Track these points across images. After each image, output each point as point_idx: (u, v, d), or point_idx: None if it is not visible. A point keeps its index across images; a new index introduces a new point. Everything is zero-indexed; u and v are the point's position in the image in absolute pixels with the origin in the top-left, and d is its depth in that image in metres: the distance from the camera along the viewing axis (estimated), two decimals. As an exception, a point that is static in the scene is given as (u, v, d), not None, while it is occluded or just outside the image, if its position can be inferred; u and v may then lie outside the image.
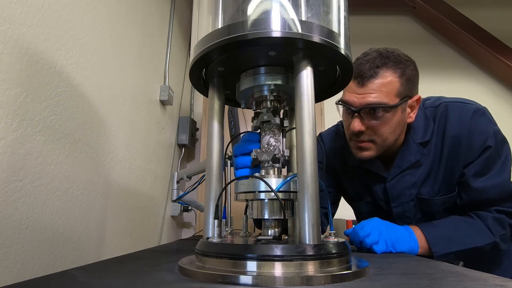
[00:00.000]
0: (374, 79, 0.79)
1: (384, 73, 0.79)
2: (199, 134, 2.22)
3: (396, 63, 0.80)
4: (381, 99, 0.78)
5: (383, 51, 0.82)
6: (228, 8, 0.47)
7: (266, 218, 0.50)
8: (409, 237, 0.77)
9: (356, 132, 0.82)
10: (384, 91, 0.78)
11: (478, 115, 0.83)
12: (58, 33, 0.84)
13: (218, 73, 0.54)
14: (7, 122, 0.67)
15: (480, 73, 2.37)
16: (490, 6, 2.46)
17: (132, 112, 1.30)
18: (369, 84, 0.79)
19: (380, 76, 0.79)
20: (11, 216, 0.68)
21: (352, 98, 0.81)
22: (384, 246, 0.74)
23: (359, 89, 0.80)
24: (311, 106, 0.46)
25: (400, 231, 0.78)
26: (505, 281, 0.40)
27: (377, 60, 0.80)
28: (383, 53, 0.81)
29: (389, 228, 0.77)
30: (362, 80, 0.79)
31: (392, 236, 0.75)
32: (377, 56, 0.81)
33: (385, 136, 0.82)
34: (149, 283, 0.40)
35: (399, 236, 0.76)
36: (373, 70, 0.79)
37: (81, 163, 0.93)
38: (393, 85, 0.79)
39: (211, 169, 0.53)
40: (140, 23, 1.40)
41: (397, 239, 0.75)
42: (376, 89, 0.78)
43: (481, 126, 0.83)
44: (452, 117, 0.85)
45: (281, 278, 0.38)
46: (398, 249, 0.75)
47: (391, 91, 0.79)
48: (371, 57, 0.81)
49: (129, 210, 1.27)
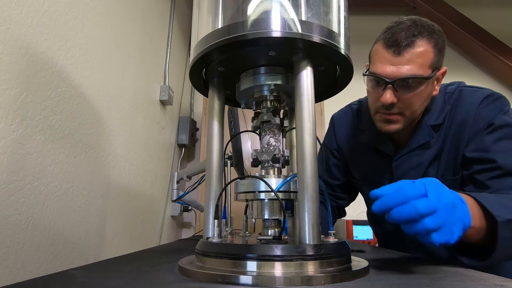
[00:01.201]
0: (410, 48, 0.75)
1: (420, 42, 0.75)
2: (199, 134, 2.22)
3: (430, 32, 0.77)
4: (416, 70, 0.75)
5: (416, 19, 0.78)
6: (228, 8, 0.47)
7: (266, 218, 0.50)
8: (462, 208, 0.52)
9: (388, 104, 0.78)
10: (419, 61, 0.75)
11: (489, 101, 0.80)
12: (58, 33, 0.84)
13: (218, 73, 0.54)
14: (7, 122, 0.67)
15: (480, 73, 2.37)
16: (490, 6, 2.46)
17: (132, 112, 1.30)
18: (405, 53, 0.75)
19: (416, 45, 0.75)
20: (11, 216, 0.68)
21: (386, 69, 0.77)
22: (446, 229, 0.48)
23: (395, 59, 0.76)
24: (311, 106, 0.46)
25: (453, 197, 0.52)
26: (505, 281, 0.40)
27: (413, 29, 0.76)
28: (417, 22, 0.77)
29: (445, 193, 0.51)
30: (399, 49, 0.75)
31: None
32: (411, 24, 0.77)
33: (415, 109, 0.80)
34: (149, 283, 0.40)
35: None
36: (410, 39, 0.75)
37: (81, 163, 0.93)
38: (427, 55, 0.76)
39: (211, 169, 0.53)
40: (140, 23, 1.40)
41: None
42: (412, 59, 0.75)
43: (489, 110, 0.79)
44: (462, 102, 0.83)
45: (281, 278, 0.38)
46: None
47: (425, 62, 0.76)
48: (405, 25, 0.77)
49: (129, 210, 1.27)
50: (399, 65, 0.75)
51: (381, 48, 0.78)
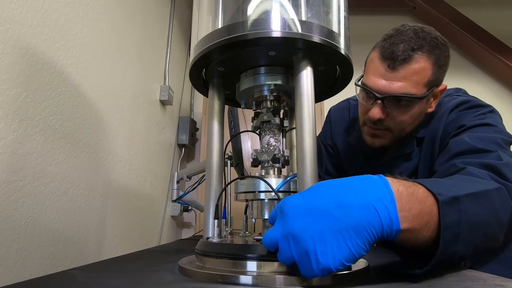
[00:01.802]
0: (406, 64, 0.69)
1: (418, 58, 0.69)
2: (199, 134, 2.22)
3: (432, 47, 0.70)
4: (409, 88, 0.70)
5: (419, 30, 0.71)
6: (228, 8, 0.47)
7: (266, 218, 0.50)
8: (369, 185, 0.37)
9: (375, 120, 0.74)
10: (414, 79, 0.70)
11: (462, 107, 0.74)
12: (58, 33, 0.84)
13: (218, 73, 0.54)
14: (7, 122, 0.67)
15: (480, 73, 2.37)
16: (490, 6, 2.46)
17: (132, 112, 1.30)
18: (400, 69, 0.69)
19: (413, 61, 0.69)
20: (11, 216, 0.68)
21: (378, 82, 0.72)
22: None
23: (388, 73, 0.71)
24: (311, 106, 0.46)
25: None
26: (505, 281, 0.40)
27: (413, 41, 0.70)
28: (419, 34, 0.71)
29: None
30: (394, 63, 0.70)
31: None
32: (413, 35, 0.70)
33: (403, 126, 0.76)
34: (149, 283, 0.40)
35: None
36: (407, 53, 0.69)
37: (81, 163, 0.93)
38: (424, 73, 0.70)
39: (211, 169, 0.53)
40: (140, 23, 1.40)
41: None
42: (407, 76, 0.69)
43: (461, 116, 0.73)
44: (436, 113, 0.78)
45: (281, 278, 0.38)
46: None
47: (421, 80, 0.70)
48: (406, 36, 0.70)
49: (129, 210, 1.27)
50: (392, 80, 0.71)
51: (377, 58, 0.73)
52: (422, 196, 0.39)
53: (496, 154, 0.60)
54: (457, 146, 0.66)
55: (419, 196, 0.38)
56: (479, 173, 0.55)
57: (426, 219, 0.38)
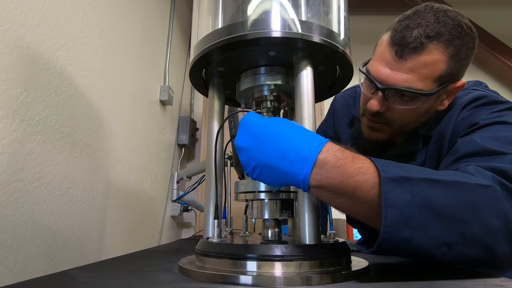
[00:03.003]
0: (416, 54, 0.59)
1: (433, 48, 0.59)
2: (199, 134, 2.22)
3: (453, 36, 0.60)
4: (415, 82, 0.61)
5: (441, 14, 0.61)
6: (228, 8, 0.47)
7: (266, 218, 0.50)
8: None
9: (373, 112, 0.67)
10: (423, 72, 0.60)
11: (475, 104, 0.65)
12: (58, 33, 0.84)
13: (218, 73, 0.54)
14: (7, 122, 0.67)
15: (480, 73, 2.37)
16: (490, 6, 2.46)
17: (132, 112, 1.30)
18: (409, 58, 0.60)
19: (425, 52, 0.59)
20: (11, 216, 0.68)
21: (381, 71, 0.63)
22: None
23: (394, 62, 0.61)
24: (311, 106, 0.46)
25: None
26: (505, 281, 0.40)
27: (430, 27, 0.59)
28: (440, 18, 0.60)
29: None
30: (402, 51, 0.60)
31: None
32: (431, 20, 0.60)
33: (405, 123, 0.68)
34: (149, 283, 0.40)
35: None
36: (419, 40, 0.59)
37: (81, 163, 0.93)
38: (436, 67, 0.60)
39: (211, 169, 0.53)
40: (140, 23, 1.40)
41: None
42: (415, 68, 0.60)
43: (474, 113, 0.63)
44: (448, 109, 0.69)
45: (281, 278, 0.38)
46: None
47: (431, 74, 0.60)
48: (423, 20, 0.60)
49: (129, 210, 1.27)
50: (397, 71, 0.62)
51: (386, 42, 0.64)
52: (352, 170, 0.39)
53: (511, 157, 0.50)
54: (465, 147, 0.56)
55: (348, 170, 0.39)
56: (477, 171, 0.46)
57: (346, 189, 0.39)
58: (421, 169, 0.43)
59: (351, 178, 0.39)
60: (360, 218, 0.43)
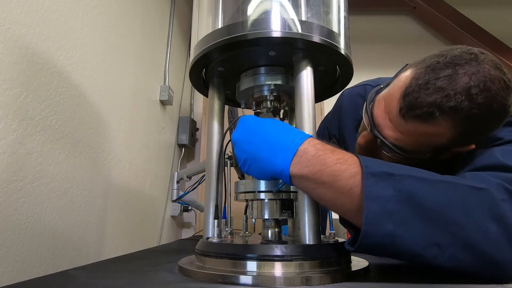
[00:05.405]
0: (420, 122, 0.50)
1: (441, 121, 0.49)
2: (199, 134, 2.22)
3: (471, 116, 0.48)
4: (408, 144, 0.55)
5: (481, 83, 0.47)
6: (228, 8, 0.47)
7: (266, 218, 0.50)
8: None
9: (362, 145, 0.62)
10: (419, 140, 0.53)
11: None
12: (58, 33, 0.84)
13: (218, 73, 0.54)
14: (7, 122, 0.67)
15: (480, 73, 2.36)
16: (490, 6, 2.46)
17: (132, 112, 1.30)
18: (410, 122, 0.51)
19: (432, 124, 0.50)
20: (11, 216, 0.68)
21: (381, 116, 0.57)
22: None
23: (396, 116, 0.53)
24: (311, 106, 0.46)
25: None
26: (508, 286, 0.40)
27: (451, 101, 0.47)
28: (471, 91, 0.47)
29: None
30: (406, 112, 0.51)
31: None
32: (460, 90, 0.47)
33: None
34: (149, 283, 0.40)
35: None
36: (431, 110, 0.48)
37: (81, 163, 0.93)
38: (439, 138, 0.52)
39: (211, 169, 0.53)
40: (140, 23, 1.40)
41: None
42: (412, 133, 0.53)
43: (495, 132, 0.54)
44: None
45: (281, 278, 0.38)
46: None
47: (427, 144, 0.54)
48: (450, 86, 0.48)
49: (129, 210, 1.27)
50: (394, 124, 0.54)
51: (399, 89, 0.53)
52: (331, 160, 0.41)
53: None
54: (483, 160, 0.49)
55: (327, 160, 0.41)
56: (474, 176, 0.43)
57: (325, 177, 0.40)
58: (408, 168, 0.41)
59: (330, 167, 0.40)
60: (343, 213, 0.42)
